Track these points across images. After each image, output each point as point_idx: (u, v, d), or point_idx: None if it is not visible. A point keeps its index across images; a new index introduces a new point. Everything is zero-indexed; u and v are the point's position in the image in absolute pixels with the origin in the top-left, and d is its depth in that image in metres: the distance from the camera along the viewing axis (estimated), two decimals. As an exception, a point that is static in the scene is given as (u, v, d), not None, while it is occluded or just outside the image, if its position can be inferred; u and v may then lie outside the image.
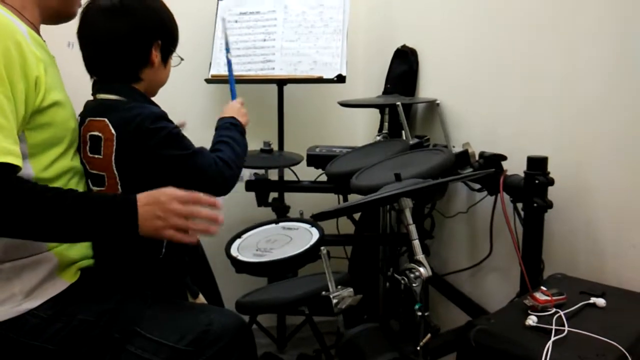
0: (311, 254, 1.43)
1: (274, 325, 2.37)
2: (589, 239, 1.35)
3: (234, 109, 1.49)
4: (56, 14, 1.26)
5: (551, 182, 1.33)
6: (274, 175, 2.17)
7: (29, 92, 1.06)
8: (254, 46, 2.20)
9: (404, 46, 2.17)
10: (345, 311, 1.22)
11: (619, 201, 1.27)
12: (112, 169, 1.23)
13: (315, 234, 1.49)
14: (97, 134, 1.24)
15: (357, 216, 2.23)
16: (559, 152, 1.39)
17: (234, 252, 1.49)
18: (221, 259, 1.54)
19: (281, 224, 1.64)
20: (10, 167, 1.00)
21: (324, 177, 2.02)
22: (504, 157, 1.51)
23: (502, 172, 1.46)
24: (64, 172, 1.18)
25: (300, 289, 1.40)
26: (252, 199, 2.06)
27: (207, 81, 2.22)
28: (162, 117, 1.25)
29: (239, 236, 1.59)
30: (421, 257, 1.12)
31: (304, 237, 1.50)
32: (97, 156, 1.24)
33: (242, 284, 1.71)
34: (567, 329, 1.01)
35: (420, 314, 1.11)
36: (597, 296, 1.13)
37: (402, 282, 1.12)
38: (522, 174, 1.37)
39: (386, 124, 2.05)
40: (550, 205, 1.34)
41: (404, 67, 2.15)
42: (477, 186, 1.66)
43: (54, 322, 1.11)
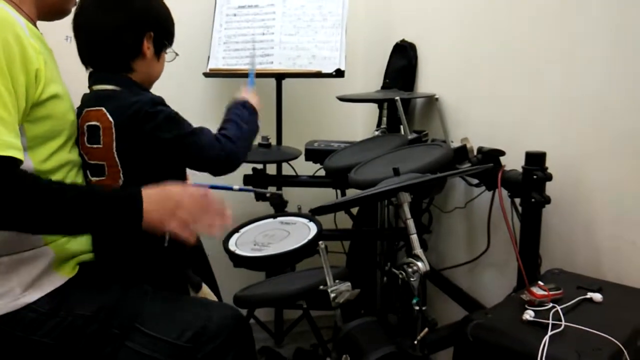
0: (309, 249, 1.42)
1: (272, 319, 2.38)
2: (586, 235, 1.36)
3: (247, 93, 1.48)
4: (52, 10, 1.26)
5: (549, 177, 1.33)
6: (272, 169, 2.17)
7: (29, 84, 1.06)
8: (253, 40, 2.19)
9: (403, 41, 2.17)
10: (342, 305, 1.22)
11: (617, 197, 1.27)
12: (114, 157, 1.23)
13: (313, 229, 1.48)
14: (95, 123, 1.24)
15: (355, 211, 2.23)
16: (557, 148, 1.39)
17: (232, 246, 1.48)
18: (219, 253, 1.54)
19: (279, 219, 1.63)
20: (12, 161, 1.00)
21: (322, 172, 2.02)
22: (502, 152, 1.51)
23: (500, 167, 1.46)
24: (62, 165, 1.18)
25: (298, 283, 1.40)
26: (250, 193, 2.05)
27: (206, 75, 2.22)
28: (159, 102, 1.25)
29: (236, 230, 1.58)
30: (419, 251, 1.13)
31: (302, 231, 1.50)
32: (96, 146, 1.24)
33: (240, 278, 1.71)
34: (564, 323, 1.02)
35: (417, 308, 1.12)
36: (594, 291, 1.13)
37: (400, 276, 1.13)
38: (520, 169, 1.37)
39: (385, 119, 2.05)
40: (548, 200, 1.34)
41: (403, 62, 2.15)
42: (475, 181, 1.66)
43: (52, 317, 1.11)
